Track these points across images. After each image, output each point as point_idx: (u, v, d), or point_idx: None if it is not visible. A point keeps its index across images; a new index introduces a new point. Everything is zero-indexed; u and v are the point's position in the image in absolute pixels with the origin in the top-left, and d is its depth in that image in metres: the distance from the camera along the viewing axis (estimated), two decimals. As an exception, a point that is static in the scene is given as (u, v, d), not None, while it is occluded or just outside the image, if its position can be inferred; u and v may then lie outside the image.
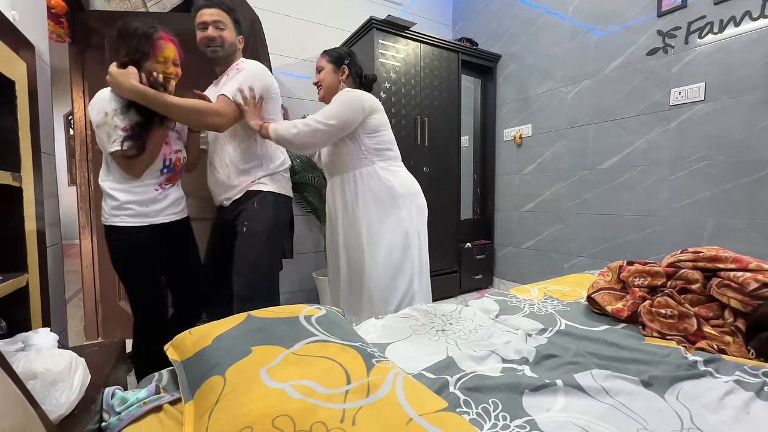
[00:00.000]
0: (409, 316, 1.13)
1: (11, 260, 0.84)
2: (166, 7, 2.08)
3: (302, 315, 0.86)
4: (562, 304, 1.27)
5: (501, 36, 3.15)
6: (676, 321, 1.04)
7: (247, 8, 1.98)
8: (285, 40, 2.79)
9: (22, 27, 0.97)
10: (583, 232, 2.59)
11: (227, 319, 0.85)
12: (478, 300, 1.31)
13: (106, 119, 1.16)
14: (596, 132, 2.49)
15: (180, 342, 0.82)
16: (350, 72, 1.59)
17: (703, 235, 2.02)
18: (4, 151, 0.82)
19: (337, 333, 0.81)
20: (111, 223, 1.23)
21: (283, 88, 2.76)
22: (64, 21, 1.86)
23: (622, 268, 1.29)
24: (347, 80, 1.59)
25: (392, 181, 1.50)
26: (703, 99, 1.99)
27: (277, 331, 0.78)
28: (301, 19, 2.85)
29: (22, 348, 0.67)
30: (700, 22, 1.99)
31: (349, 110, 1.44)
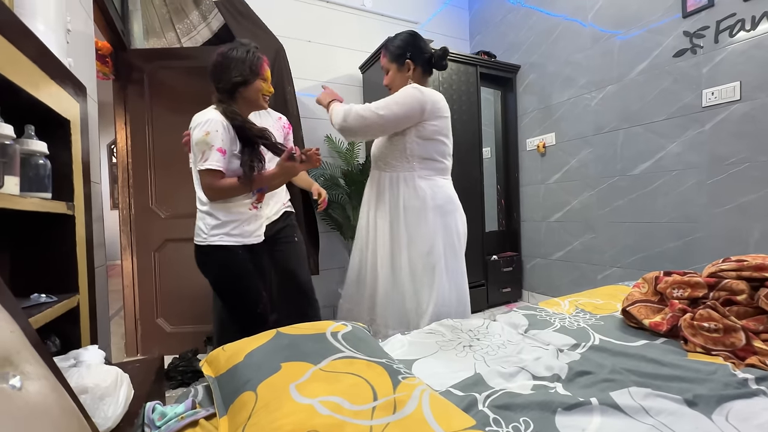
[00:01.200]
0: (435, 332, 1.12)
1: (65, 282, 0.92)
2: (198, 42, 2.23)
3: (329, 331, 0.88)
4: (595, 318, 1.23)
5: (519, 46, 3.14)
6: (721, 335, 0.98)
7: (272, 38, 2.09)
8: (307, 64, 2.90)
9: (76, 71, 1.07)
10: (615, 242, 2.49)
11: (258, 336, 0.87)
12: (505, 314, 1.28)
13: (206, 138, 1.18)
14: (625, 137, 2.42)
15: (214, 358, 0.85)
16: (416, 64, 1.46)
17: (749, 242, 1.89)
18: (60, 184, 0.90)
19: (363, 349, 0.82)
20: (210, 242, 1.23)
21: (307, 110, 2.86)
22: (109, 60, 2.02)
23: (658, 279, 1.23)
24: (416, 73, 1.47)
25: (427, 192, 1.43)
26: (739, 98, 1.91)
27: (305, 347, 0.80)
28: (321, 44, 2.96)
29: (74, 364, 0.72)
30: (730, 20, 1.92)
31: (405, 108, 1.35)
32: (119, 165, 2.18)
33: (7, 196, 0.68)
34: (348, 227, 2.78)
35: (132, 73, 2.15)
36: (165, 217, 2.19)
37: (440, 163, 1.47)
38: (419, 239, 1.43)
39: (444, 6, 3.57)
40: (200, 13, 2.20)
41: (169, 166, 2.19)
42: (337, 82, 3.04)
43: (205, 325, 2.15)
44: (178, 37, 2.24)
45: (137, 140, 2.18)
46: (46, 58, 0.82)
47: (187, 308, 2.22)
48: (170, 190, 2.19)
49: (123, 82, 2.16)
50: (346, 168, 2.73)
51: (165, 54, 2.19)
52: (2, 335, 0.42)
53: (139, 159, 2.18)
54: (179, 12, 2.21)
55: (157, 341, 2.19)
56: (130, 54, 2.15)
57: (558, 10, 2.81)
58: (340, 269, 3.02)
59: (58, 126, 0.91)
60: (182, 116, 2.20)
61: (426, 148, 1.42)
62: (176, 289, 2.21)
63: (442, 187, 1.46)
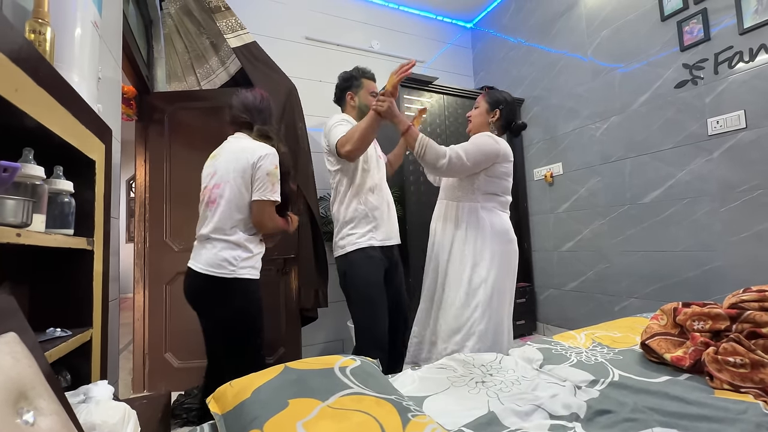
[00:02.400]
0: (446, 367, 1.09)
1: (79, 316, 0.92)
2: (216, 85, 2.35)
3: (337, 366, 0.86)
4: (614, 352, 1.17)
5: (522, 81, 3.23)
6: (749, 371, 0.93)
7: (285, 79, 2.19)
8: (318, 103, 3.01)
9: (104, 115, 1.14)
10: (631, 271, 2.43)
11: (265, 371, 0.86)
12: (519, 348, 1.24)
13: (275, 171, 1.28)
14: (632, 166, 2.41)
15: (221, 395, 0.83)
16: (501, 116, 1.68)
17: (769, 271, 1.83)
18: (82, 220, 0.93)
19: (371, 385, 0.79)
20: (241, 275, 1.23)
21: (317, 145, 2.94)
22: (133, 103, 2.14)
23: (677, 310, 1.19)
24: (496, 123, 1.69)
25: (486, 221, 1.57)
26: (745, 126, 1.91)
27: (313, 383, 0.78)
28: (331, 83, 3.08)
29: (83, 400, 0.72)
30: (727, 53, 1.96)
31: (485, 156, 1.55)
32: (137, 200, 2.25)
33: (33, 234, 0.70)
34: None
35: (154, 114, 2.25)
36: (178, 251, 2.22)
37: (502, 198, 1.65)
38: (472, 264, 1.55)
39: (448, 46, 3.73)
40: (219, 58, 2.34)
41: (185, 200, 2.24)
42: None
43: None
44: (197, 80, 2.36)
45: (155, 176, 2.25)
46: (78, 105, 0.87)
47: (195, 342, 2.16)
48: (184, 224, 2.23)
49: (145, 122, 2.26)
50: (356, 200, 2.77)
51: (185, 96, 2.31)
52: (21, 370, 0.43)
53: (156, 194, 2.24)
54: (200, 58, 2.35)
55: (164, 376, 2.16)
56: (153, 97, 2.27)
57: (558, 47, 2.90)
58: (350, 302, 2.99)
59: (84, 166, 0.96)
60: (198, 153, 2.28)
61: (492, 185, 1.60)
62: (185, 322, 2.19)
63: (501, 218, 1.62)
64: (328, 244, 2.73)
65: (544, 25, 3.02)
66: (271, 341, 2.24)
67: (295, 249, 2.23)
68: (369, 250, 1.57)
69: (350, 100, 1.74)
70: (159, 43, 2.33)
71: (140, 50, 2.11)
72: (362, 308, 1.58)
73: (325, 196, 2.82)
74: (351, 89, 1.74)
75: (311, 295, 2.19)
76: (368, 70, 1.77)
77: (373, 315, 1.56)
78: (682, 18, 2.14)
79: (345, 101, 1.76)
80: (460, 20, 3.79)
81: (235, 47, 2.09)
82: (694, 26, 2.08)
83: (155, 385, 2.15)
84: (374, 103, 1.51)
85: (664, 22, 2.23)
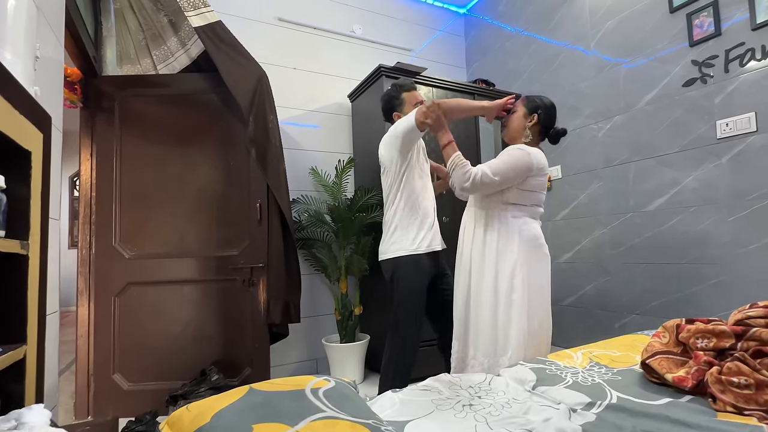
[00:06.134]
0: (430, 389, 1.11)
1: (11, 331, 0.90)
2: (175, 69, 2.33)
3: (309, 388, 0.87)
4: (612, 372, 1.22)
5: (519, 75, 3.32)
6: (753, 392, 0.98)
7: (254, 65, 2.19)
8: (292, 92, 3.02)
9: (42, 100, 1.12)
10: (633, 285, 2.51)
11: (227, 393, 0.86)
12: (511, 368, 1.27)
13: None
14: (636, 170, 2.50)
15: (177, 420, 0.83)
16: (539, 121, 1.79)
17: (778, 285, 1.93)
18: (15, 221, 0.91)
19: (347, 408, 0.81)
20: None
21: (290, 140, 2.95)
22: (78, 87, 2.10)
23: (680, 327, 1.24)
24: (534, 128, 1.80)
25: (515, 228, 1.71)
26: (756, 130, 2.01)
27: (281, 406, 0.79)
28: (308, 71, 3.11)
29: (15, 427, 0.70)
30: (739, 50, 2.06)
31: (516, 172, 1.66)
32: (81, 199, 2.20)
33: (-46, 234, 0.69)
34: (334, 268, 2.78)
35: (102, 101, 2.22)
36: (129, 258, 2.19)
37: (533, 210, 1.79)
38: (503, 273, 1.68)
39: (438, 33, 3.79)
40: (179, 39, 2.32)
41: (137, 200, 2.21)
42: (324, 111, 3.15)
43: (169, 382, 2.10)
44: (154, 63, 2.33)
45: (103, 172, 2.21)
46: (10, 87, 0.86)
47: (149, 362, 2.16)
48: (136, 227, 2.20)
49: (92, 110, 2.22)
50: (333, 203, 2.78)
51: (138, 81, 2.28)
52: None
53: (104, 192, 2.20)
54: (156, 38, 2.33)
55: (111, 400, 2.11)
56: (101, 81, 2.23)
57: (559, 38, 2.99)
58: (326, 317, 2.99)
59: (17, 157, 0.94)
60: (154, 146, 2.29)
61: (523, 197, 1.73)
62: (138, 339, 2.16)
63: (530, 225, 1.75)
64: (301, 252, 2.74)
65: (544, 14, 3.11)
66: (236, 361, 2.22)
67: (265, 257, 2.22)
68: (417, 257, 1.80)
69: (397, 120, 1.90)
70: (109, 20, 2.29)
71: (87, 27, 2.07)
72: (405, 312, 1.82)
73: (299, 198, 2.82)
74: (395, 110, 1.93)
75: (281, 308, 2.19)
76: (406, 83, 1.97)
77: (416, 319, 1.82)
78: (691, 10, 2.23)
79: (393, 120, 1.94)
80: (452, 5, 3.87)
81: (198, 27, 2.08)
82: (704, 20, 2.18)
83: (101, 410, 2.10)
84: (423, 111, 1.68)
85: (672, 14, 2.33)
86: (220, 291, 2.25)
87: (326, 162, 3.06)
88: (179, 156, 2.28)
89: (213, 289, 2.25)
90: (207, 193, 2.28)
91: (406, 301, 1.83)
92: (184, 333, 2.21)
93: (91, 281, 2.16)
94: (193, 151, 2.30)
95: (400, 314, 1.83)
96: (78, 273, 2.17)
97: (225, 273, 2.23)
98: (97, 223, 2.18)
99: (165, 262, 2.22)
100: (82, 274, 2.16)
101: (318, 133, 3.12)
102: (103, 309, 2.15)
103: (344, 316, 2.76)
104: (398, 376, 1.79)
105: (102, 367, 2.14)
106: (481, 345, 1.67)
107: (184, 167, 2.28)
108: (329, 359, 2.74)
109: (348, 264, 2.75)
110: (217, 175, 2.30)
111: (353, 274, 2.79)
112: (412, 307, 1.83)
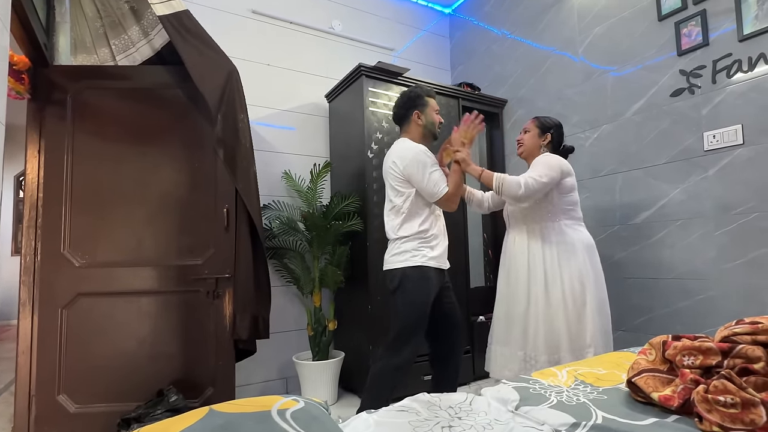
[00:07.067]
0: (408, 409, 1.10)
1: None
2: (136, 60, 2.29)
3: (275, 408, 0.85)
4: (598, 391, 1.24)
5: (506, 79, 3.39)
6: (739, 411, 1.00)
7: (223, 59, 2.17)
8: (265, 90, 3.01)
9: (-20, 88, 1.08)
10: (619, 300, 2.57)
11: (185, 416, 0.83)
12: (493, 387, 1.28)
13: None
14: (624, 182, 2.58)
15: (125, 448, 0.80)
16: (552, 139, 2.18)
17: (765, 301, 2.01)
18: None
19: (316, 431, 0.79)
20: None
21: (262, 141, 2.92)
22: (25, 77, 2.03)
23: (666, 344, 1.27)
24: (547, 146, 2.18)
25: (573, 237, 2.05)
26: (742, 142, 2.10)
27: (244, 429, 0.77)
28: (283, 68, 3.10)
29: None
30: (726, 60, 2.16)
31: (553, 171, 2.00)
32: (27, 201, 2.12)
33: None
34: (307, 280, 2.76)
35: (53, 92, 2.15)
36: (79, 266, 2.11)
37: (576, 213, 2.13)
38: (572, 276, 2.00)
39: (422, 33, 3.85)
40: (141, 28, 2.28)
41: (90, 202, 2.15)
42: (300, 111, 3.15)
43: (122, 404, 2.02)
44: (112, 53, 2.28)
45: (52, 171, 2.14)
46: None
47: (100, 382, 2.08)
48: (89, 233, 2.13)
49: (40, 102, 2.15)
50: (307, 210, 2.76)
51: (95, 72, 2.22)
52: None
53: (53, 194, 2.13)
54: (116, 26, 2.28)
55: (56, 425, 2.02)
56: (52, 71, 2.17)
57: (546, 42, 3.08)
58: (298, 332, 2.95)
59: (-49, 153, 0.90)
60: (111, 144, 2.24)
61: (567, 199, 2.08)
62: (87, 356, 2.08)
63: (584, 233, 2.12)
64: (272, 262, 2.70)
65: (532, 17, 3.20)
66: (197, 380, 2.16)
67: (231, 267, 2.18)
68: (426, 270, 1.91)
69: (417, 119, 2.06)
70: (63, 5, 2.24)
71: (37, 11, 2.02)
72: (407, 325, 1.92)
73: (270, 204, 2.79)
74: (418, 108, 2.06)
75: (249, 323, 2.15)
76: (431, 90, 2.17)
77: (417, 334, 1.93)
78: (680, 19, 2.34)
79: (410, 119, 2.07)
80: (437, 4, 3.94)
81: (162, 15, 2.05)
82: (692, 29, 2.29)
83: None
84: (453, 154, 2.01)
85: (661, 22, 2.43)
86: (182, 303, 2.20)
87: (300, 166, 3.04)
88: (139, 156, 2.23)
89: (173, 302, 2.19)
90: (169, 196, 2.23)
91: (407, 313, 1.90)
92: (140, 349, 2.14)
93: (36, 292, 2.07)
94: (155, 150, 2.25)
95: (399, 327, 1.91)
96: (21, 282, 2.09)
97: (187, 284, 2.17)
98: (44, 227, 2.11)
99: (120, 271, 2.15)
100: (26, 284, 2.08)
101: (292, 134, 3.11)
102: (49, 322, 2.07)
103: (317, 331, 2.73)
104: (383, 392, 1.87)
105: (45, 387, 2.05)
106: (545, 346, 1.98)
107: (143, 168, 2.22)
108: (300, 378, 2.70)
109: (322, 275, 2.73)
110: (181, 178, 2.25)
111: (328, 287, 2.77)
112: (413, 321, 1.90)
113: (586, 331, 1.96)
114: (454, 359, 2.07)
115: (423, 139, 2.08)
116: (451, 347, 2.07)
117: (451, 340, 2.06)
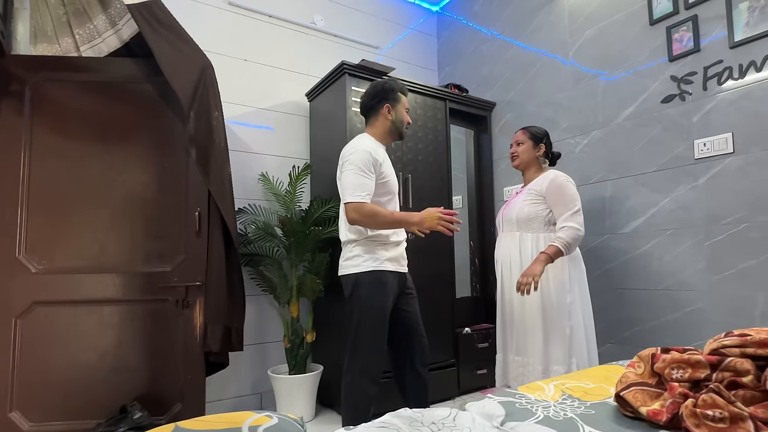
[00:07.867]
0: (389, 425, 1.10)
1: None
2: (102, 52, 2.25)
3: (246, 425, 0.84)
4: (585, 406, 1.26)
5: (494, 82, 3.45)
6: (727, 425, 1.03)
7: (197, 53, 2.15)
8: (241, 87, 2.99)
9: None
10: (608, 312, 2.62)
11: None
12: (478, 402, 1.29)
13: None
14: (613, 190, 2.64)
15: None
16: (546, 149, 2.34)
17: (754, 313, 2.07)
18: None
19: (290, 451, 0.79)
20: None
21: (238, 141, 2.90)
22: (-20, 67, 1.98)
23: (655, 357, 1.30)
24: (543, 156, 2.35)
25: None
26: (732, 151, 2.17)
27: (213, 449, 0.76)
28: (261, 64, 3.09)
29: None
30: (717, 67, 2.23)
31: (576, 196, 2.22)
32: (-23, 200, 2.07)
33: None
34: (284, 289, 2.74)
35: (10, 84, 2.11)
36: (36, 272, 2.06)
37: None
38: (558, 286, 2.17)
39: (409, 31, 3.89)
40: (108, 18, 2.24)
41: (50, 204, 2.10)
42: (278, 110, 3.14)
43: (81, 421, 1.98)
44: (76, 43, 2.24)
45: (7, 169, 2.09)
46: None
47: (57, 397, 2.03)
48: (47, 236, 2.08)
49: (-4, 94, 2.11)
50: (285, 214, 2.75)
51: (57, 63, 2.18)
52: None
53: (7, 193, 2.08)
54: (81, 14, 2.24)
55: (5, 447, 1.96)
56: (9, 60, 2.12)
57: (536, 44, 3.14)
58: (274, 344, 2.92)
59: None
60: (73, 141, 2.20)
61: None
62: (44, 370, 2.03)
63: None
64: (246, 270, 2.68)
65: (522, 17, 3.27)
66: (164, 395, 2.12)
67: (203, 274, 2.16)
68: (380, 274, 1.89)
69: (387, 113, 2.02)
70: (23, -10, 2.20)
71: (-5, -3, 1.98)
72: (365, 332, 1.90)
73: (246, 207, 2.77)
74: (389, 101, 2.03)
75: (221, 334, 2.12)
76: (404, 87, 2.11)
77: (377, 341, 1.91)
78: (671, 24, 2.41)
79: (379, 112, 2.03)
80: (425, 1, 3.98)
81: (131, 5, 2.02)
82: (683, 34, 2.36)
83: (-11, 462, 1.95)
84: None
85: (652, 27, 2.50)
86: (148, 313, 2.16)
87: (279, 167, 3.03)
88: (104, 154, 2.19)
89: (139, 311, 2.15)
90: (136, 198, 2.20)
91: (362, 321, 1.88)
92: (102, 362, 2.09)
93: (-11, 298, 2.02)
94: (121, 149, 2.21)
95: (353, 336, 1.90)
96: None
97: (154, 292, 2.13)
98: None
99: (81, 278, 2.10)
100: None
101: (270, 134, 3.09)
102: (1, 333, 2.01)
103: (294, 343, 2.71)
104: (360, 401, 1.87)
105: (-6, 404, 1.99)
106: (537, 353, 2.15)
107: (109, 167, 2.18)
108: (276, 393, 2.67)
109: (300, 284, 2.72)
110: (149, 178, 2.22)
111: (306, 296, 2.76)
112: (369, 330, 1.88)
113: (572, 344, 2.12)
114: (413, 374, 2.02)
115: (388, 136, 2.06)
116: (410, 361, 2.02)
117: (410, 354, 2.02)
